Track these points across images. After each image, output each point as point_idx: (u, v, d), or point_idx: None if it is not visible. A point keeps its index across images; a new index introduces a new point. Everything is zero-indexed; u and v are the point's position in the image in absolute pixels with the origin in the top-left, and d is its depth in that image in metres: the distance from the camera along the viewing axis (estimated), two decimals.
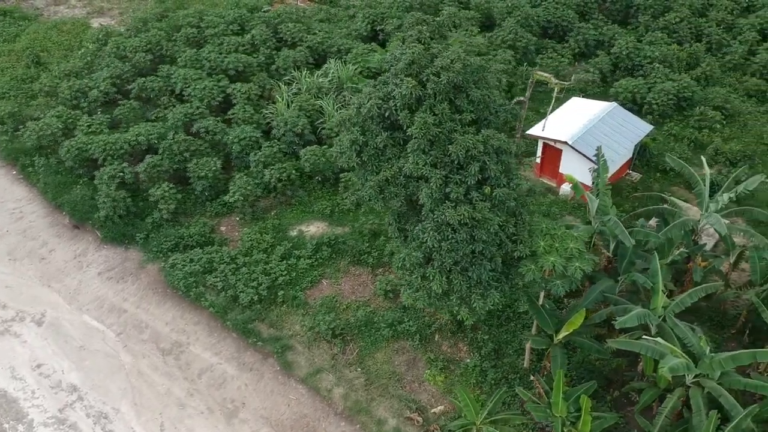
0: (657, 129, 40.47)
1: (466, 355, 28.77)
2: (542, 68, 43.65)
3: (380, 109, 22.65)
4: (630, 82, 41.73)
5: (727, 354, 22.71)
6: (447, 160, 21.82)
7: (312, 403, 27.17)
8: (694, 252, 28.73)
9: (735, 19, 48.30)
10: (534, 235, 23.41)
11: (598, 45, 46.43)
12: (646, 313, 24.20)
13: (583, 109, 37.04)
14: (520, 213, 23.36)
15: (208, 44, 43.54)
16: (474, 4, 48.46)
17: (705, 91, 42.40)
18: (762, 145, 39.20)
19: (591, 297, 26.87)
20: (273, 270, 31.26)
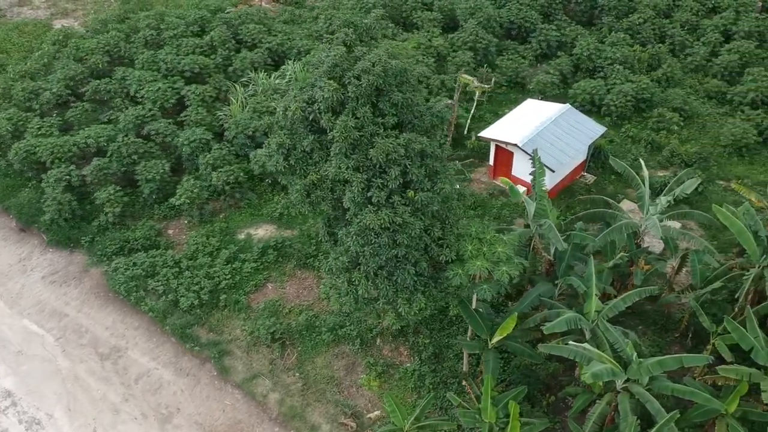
0: (615, 130, 40.36)
1: (406, 359, 28.55)
2: (502, 70, 43.59)
3: (304, 113, 22.39)
4: (588, 83, 41.57)
5: (654, 359, 22.50)
6: (369, 163, 21.57)
7: (247, 409, 26.91)
8: (636, 255, 28.52)
9: (699, 21, 48.13)
10: (462, 239, 23.16)
11: (561, 46, 46.27)
12: (575, 318, 23.99)
13: (536, 111, 36.84)
14: (447, 217, 23.12)
15: (167, 46, 43.25)
16: (438, 5, 48.22)
17: (666, 92, 42.24)
18: (719, 147, 39.02)
19: (527, 301, 26.68)
20: (216, 274, 31.00)
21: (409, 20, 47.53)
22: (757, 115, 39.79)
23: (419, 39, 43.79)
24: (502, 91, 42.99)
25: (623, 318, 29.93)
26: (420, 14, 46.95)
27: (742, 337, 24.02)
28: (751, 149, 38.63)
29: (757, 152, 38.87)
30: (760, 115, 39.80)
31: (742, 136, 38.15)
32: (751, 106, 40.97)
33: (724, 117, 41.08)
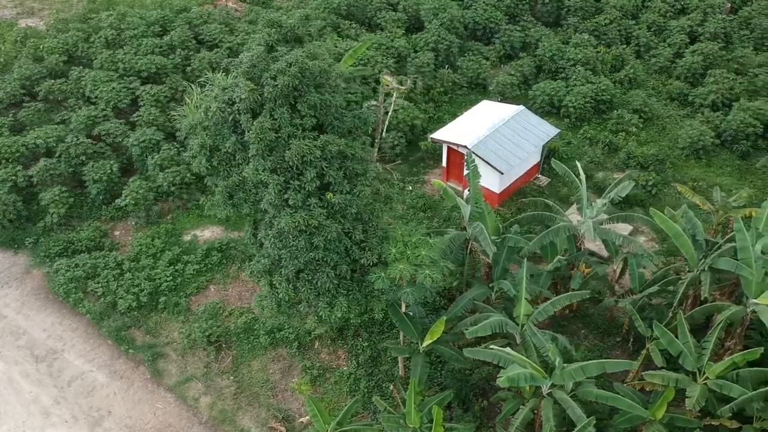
0: (573, 132, 40.06)
1: (344, 363, 28.28)
2: (462, 71, 43.30)
3: (224, 113, 22.15)
4: (548, 84, 41.28)
5: (577, 364, 22.22)
6: (286, 165, 21.31)
7: (178, 412, 26.65)
8: (576, 258, 28.23)
9: (667, 22, 47.78)
10: (385, 242, 22.89)
11: (525, 47, 46.00)
12: (501, 322, 23.74)
13: (490, 113, 36.57)
14: (370, 220, 22.85)
15: (127, 46, 43.01)
16: (403, 6, 47.93)
17: (628, 94, 41.93)
18: (677, 150, 38.71)
19: (460, 304, 26.43)
20: (158, 276, 30.75)
21: (374, 20, 47.24)
22: (716, 117, 39.46)
23: (381, 39, 43.49)
24: (462, 92, 42.74)
25: (566, 322, 29.79)
26: (384, 15, 46.66)
27: (670, 343, 23.76)
28: (709, 151, 38.33)
29: (716, 154, 38.58)
30: (719, 116, 39.47)
31: (699, 138, 37.84)
32: (711, 108, 40.63)
33: (685, 119, 40.78)
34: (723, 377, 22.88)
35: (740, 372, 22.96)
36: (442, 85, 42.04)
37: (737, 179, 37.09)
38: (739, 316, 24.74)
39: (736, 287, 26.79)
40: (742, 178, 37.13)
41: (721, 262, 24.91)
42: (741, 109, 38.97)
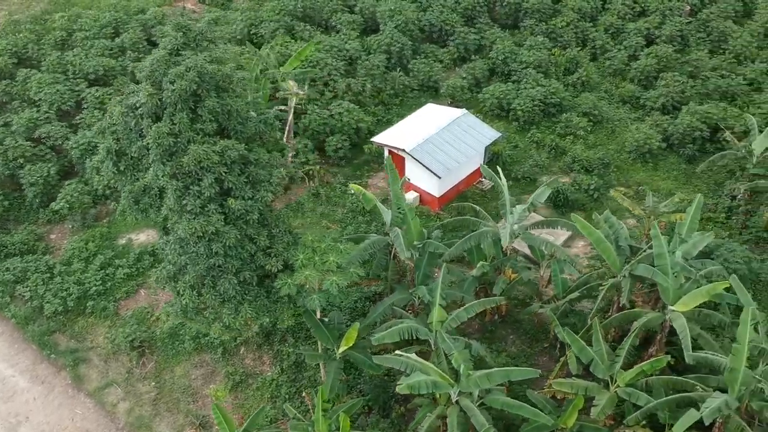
0: (521, 136, 39.84)
1: (268, 368, 28.09)
2: (414, 73, 43.11)
3: (127, 118, 21.96)
4: (498, 87, 41.07)
5: (483, 372, 22.00)
6: (184, 170, 21.11)
7: (96, 418, 26.48)
8: (502, 263, 28.03)
9: (624, 24, 47.54)
10: (291, 248, 22.69)
11: (480, 50, 45.76)
12: (411, 328, 23.54)
13: (432, 116, 36.39)
14: (276, 226, 22.65)
15: (77, 47, 42.82)
16: (360, 8, 47.71)
17: (580, 97, 41.68)
18: (624, 153, 38.51)
19: (379, 310, 26.21)
20: (88, 280, 30.58)
21: (330, 23, 47.04)
22: (664, 121, 39.24)
23: (333, 41, 43.28)
24: (413, 94, 42.53)
25: (494, 327, 29.57)
26: (340, 17, 46.45)
27: (581, 350, 23.57)
28: (656, 155, 38.12)
29: (664, 158, 38.36)
30: (667, 120, 39.25)
31: (645, 141, 37.63)
32: (661, 112, 40.44)
33: (635, 122, 40.56)
34: (633, 385, 22.71)
35: (650, 380, 22.79)
36: (392, 87, 41.82)
37: (683, 183, 36.87)
38: (655, 323, 24.57)
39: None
40: (688, 182, 36.91)
41: (639, 269, 24.73)
42: (689, 112, 38.77)
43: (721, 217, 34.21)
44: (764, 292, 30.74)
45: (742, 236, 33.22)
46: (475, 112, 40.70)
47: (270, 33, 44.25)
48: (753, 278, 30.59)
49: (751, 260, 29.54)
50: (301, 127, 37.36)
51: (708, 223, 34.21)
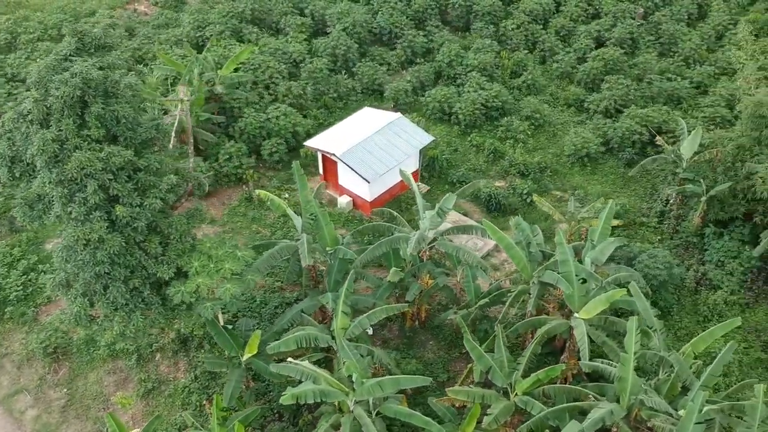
0: (462, 139, 39.66)
1: (182, 375, 27.89)
2: (358, 77, 42.91)
3: (17, 124, 21.75)
4: (440, 91, 40.88)
5: (375, 380, 21.79)
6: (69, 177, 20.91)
7: (3, 425, 26.26)
8: (419, 269, 27.83)
9: (576, 26, 47.33)
10: (185, 255, 22.49)
11: (429, 53, 45.55)
12: (309, 336, 23.35)
13: (367, 120, 36.19)
14: (169, 233, 22.44)
15: (19, 50, 42.62)
16: (310, 10, 47.49)
17: (523, 100, 41.48)
18: (564, 157, 38.33)
19: (288, 317, 26.08)
20: (8, 285, 30.32)
21: (279, 25, 46.83)
22: (604, 124, 39.07)
23: (277, 44, 43.09)
24: (358, 98, 42.33)
25: (413, 334, 29.39)
26: (288, 19, 46.25)
27: (480, 358, 23.38)
28: (595, 159, 37.96)
29: (603, 162, 38.20)
30: (607, 124, 39.08)
31: (583, 145, 37.44)
32: (604, 115, 40.27)
33: (578, 125, 40.36)
34: (530, 393, 22.55)
35: (547, 388, 22.61)
36: (335, 90, 41.61)
37: (620, 187, 36.71)
38: (559, 329, 24.40)
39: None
40: (625, 186, 36.76)
41: (546, 275, 24.57)
42: (629, 116, 38.61)
43: (654, 222, 34.05)
44: (688, 297, 30.57)
45: (673, 241, 33.08)
46: (419, 116, 40.61)
47: (216, 36, 44.02)
48: (677, 283, 30.54)
49: (672, 266, 29.45)
50: (237, 130, 37.16)
51: (640, 227, 34.10)
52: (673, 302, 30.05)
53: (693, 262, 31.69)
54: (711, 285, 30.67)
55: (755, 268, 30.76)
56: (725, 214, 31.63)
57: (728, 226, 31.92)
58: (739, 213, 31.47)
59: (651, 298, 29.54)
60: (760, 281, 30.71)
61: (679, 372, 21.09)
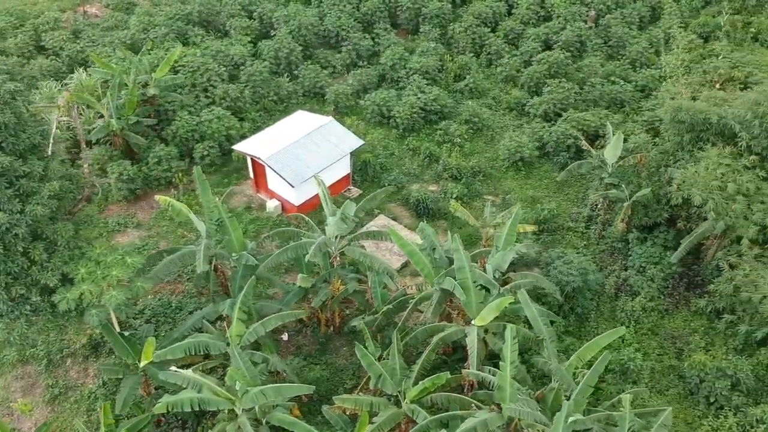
0: (399, 143, 39.48)
1: (91, 381, 27.72)
2: (300, 79, 42.72)
3: None
4: (379, 94, 40.72)
5: (258, 389, 21.62)
6: None
7: None
8: (330, 275, 27.66)
9: (526, 29, 47.12)
10: (74, 261, 22.36)
11: (375, 56, 45.37)
12: (200, 343, 23.21)
13: (297, 124, 36.03)
14: (55, 240, 22.31)
15: None
16: (258, 13, 47.33)
17: (464, 104, 41.29)
18: (500, 161, 38.14)
19: (189, 323, 25.91)
20: None
21: (226, 28, 46.69)
22: (542, 128, 38.89)
23: (219, 47, 42.90)
24: (299, 101, 42.16)
25: (326, 340, 29.22)
26: (234, 21, 46.09)
27: (370, 365, 23.20)
28: (531, 163, 37.78)
29: (539, 166, 38.02)
30: (545, 127, 38.90)
31: (517, 149, 37.25)
32: (543, 119, 40.08)
33: (517, 129, 40.15)
34: (418, 401, 22.39)
35: (433, 396, 22.46)
36: (276, 93, 41.44)
37: (553, 192, 36.52)
38: (456, 337, 24.22)
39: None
40: (558, 191, 36.57)
41: (445, 282, 24.40)
42: (566, 119, 38.43)
43: (581, 227, 33.85)
44: (608, 303, 30.38)
45: (599, 246, 32.90)
46: (358, 119, 40.48)
47: (160, 38, 43.89)
48: (596, 289, 30.37)
49: (587, 272, 29.26)
50: (170, 133, 37.01)
51: (568, 232, 33.91)
52: (591, 308, 29.85)
53: (615, 268, 31.50)
54: (631, 291, 30.48)
55: (676, 274, 30.56)
56: (649, 220, 31.46)
57: (653, 232, 31.74)
58: (662, 218, 31.31)
59: (569, 304, 29.51)
60: (681, 287, 30.52)
61: (561, 382, 20.90)
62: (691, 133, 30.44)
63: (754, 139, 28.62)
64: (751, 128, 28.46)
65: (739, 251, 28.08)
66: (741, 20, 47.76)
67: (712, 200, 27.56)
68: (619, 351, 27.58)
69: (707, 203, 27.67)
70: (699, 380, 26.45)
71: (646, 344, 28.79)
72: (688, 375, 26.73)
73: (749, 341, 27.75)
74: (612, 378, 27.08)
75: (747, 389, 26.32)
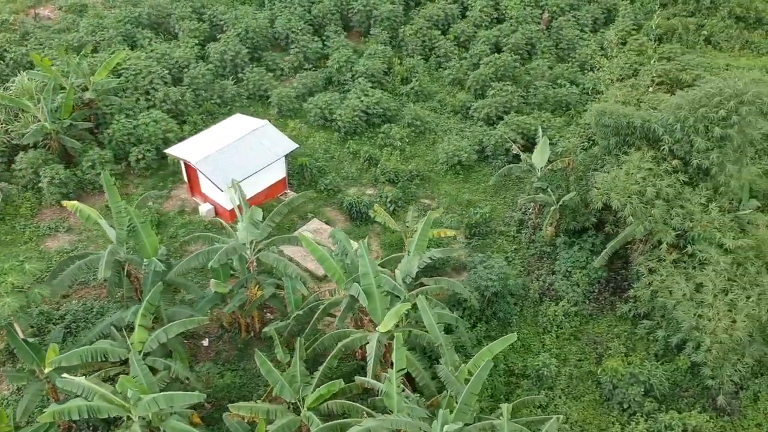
0: (341, 146, 39.34)
1: (6, 388, 27.53)
2: (244, 82, 42.55)
3: None
4: (321, 97, 40.57)
5: (150, 396, 21.45)
6: None
7: None
8: (247, 280, 27.51)
9: (477, 32, 46.96)
10: None
11: (323, 58, 45.19)
12: (98, 350, 23.00)
13: (233, 127, 35.89)
14: None
15: None
16: (208, 15, 47.17)
17: (407, 107, 41.11)
18: (439, 164, 37.99)
19: (97, 330, 25.71)
20: None
21: (175, 30, 46.53)
22: (483, 132, 38.76)
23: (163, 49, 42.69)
24: (243, 104, 41.98)
25: (245, 345, 29.05)
26: (184, 24, 45.91)
27: (268, 373, 23.05)
28: (471, 167, 37.66)
29: (479, 170, 37.90)
30: (486, 131, 38.77)
31: (455, 153, 37.12)
32: (486, 122, 39.95)
33: (462, 132, 39.98)
34: (316, 408, 22.25)
35: (330, 404, 22.32)
36: (219, 96, 41.28)
37: (490, 195, 36.39)
38: (360, 343, 24.08)
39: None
40: (496, 194, 36.42)
41: (352, 288, 24.25)
42: (506, 123, 38.31)
43: (512, 231, 33.73)
44: (531, 308, 30.25)
45: (529, 250, 32.78)
46: (301, 122, 40.39)
47: (107, 41, 43.72)
48: (520, 294, 30.26)
49: (508, 276, 29.13)
50: (106, 137, 36.86)
51: (500, 237, 33.78)
52: (514, 313, 29.73)
53: (543, 273, 31.38)
54: (556, 296, 30.36)
55: (603, 279, 30.43)
56: (577, 224, 31.35)
57: (581, 236, 31.61)
58: (590, 223, 31.18)
59: (491, 308, 29.37)
60: (608, 292, 30.38)
61: (451, 389, 20.76)
62: (616, 137, 30.33)
63: (677, 143, 28.58)
64: (674, 132, 28.42)
65: (659, 256, 27.97)
66: (694, 23, 47.79)
67: (631, 204, 27.45)
68: (536, 356, 27.50)
69: (626, 207, 27.56)
70: (612, 386, 26.32)
71: (567, 349, 28.67)
72: (603, 381, 26.59)
73: (669, 346, 27.64)
74: (527, 384, 26.95)
75: (661, 395, 26.24)
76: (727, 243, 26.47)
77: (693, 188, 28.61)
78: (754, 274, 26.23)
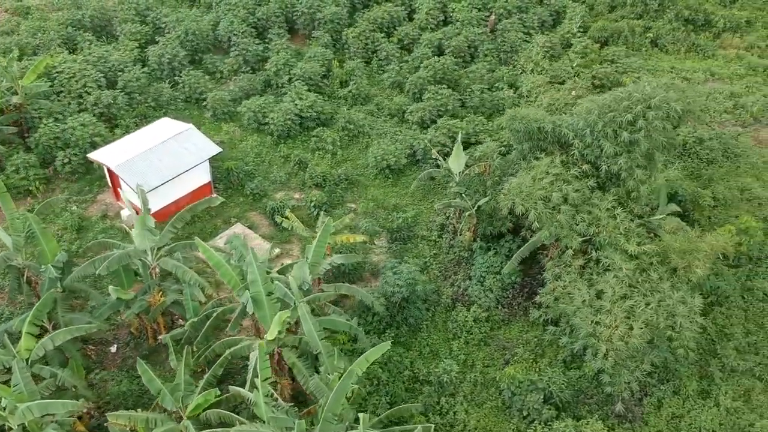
0: (273, 150, 39.19)
1: None
2: (180, 86, 42.38)
3: None
4: (255, 101, 40.40)
5: (25, 405, 21.29)
6: None
7: None
8: (150, 286, 27.36)
9: (422, 35, 46.75)
10: None
11: (264, 61, 44.99)
12: None
13: (157, 131, 35.69)
14: None
15: None
16: (151, 18, 47.00)
17: (340, 111, 40.93)
18: (370, 168, 37.84)
19: None
20: None
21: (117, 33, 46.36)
22: (415, 135, 38.60)
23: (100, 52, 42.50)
24: (179, 107, 41.81)
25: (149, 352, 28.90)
26: (126, 27, 45.74)
27: (150, 381, 22.95)
28: (401, 170, 37.51)
29: (409, 174, 37.73)
30: (418, 135, 38.61)
31: (383, 157, 36.97)
32: (419, 125, 39.79)
33: (395, 136, 39.79)
34: (196, 417, 22.11)
35: (209, 413, 22.17)
36: (154, 99, 41.09)
37: (419, 199, 36.22)
38: (246, 351, 23.92)
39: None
40: (424, 198, 36.26)
41: (243, 295, 24.10)
42: (438, 127, 38.16)
43: (434, 236, 33.59)
44: (443, 313, 30.11)
45: (448, 255, 32.63)
46: (235, 125, 40.24)
47: (46, 44, 43.55)
48: (434, 299, 30.15)
49: (416, 282, 28.97)
50: (33, 141, 36.69)
51: (421, 241, 33.64)
52: (425, 318, 29.59)
53: (458, 278, 31.24)
54: (469, 301, 30.22)
55: (517, 284, 30.30)
56: (494, 229, 31.19)
57: (499, 241, 31.47)
58: (506, 228, 31.03)
59: (401, 314, 29.23)
60: (521, 297, 30.25)
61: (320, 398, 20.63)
62: (529, 142, 30.18)
63: (588, 147, 28.44)
64: (584, 137, 28.28)
65: (566, 261, 27.84)
66: (641, 25, 47.73)
67: (535, 210, 27.31)
68: (439, 363, 27.37)
69: (530, 213, 27.42)
70: (512, 393, 26.19)
71: (475, 355, 28.55)
72: (502, 388, 26.46)
73: (576, 352, 27.50)
74: (428, 390, 26.81)
75: (562, 402, 26.11)
76: (630, 249, 26.32)
77: (603, 193, 28.49)
78: (656, 280, 26.05)
